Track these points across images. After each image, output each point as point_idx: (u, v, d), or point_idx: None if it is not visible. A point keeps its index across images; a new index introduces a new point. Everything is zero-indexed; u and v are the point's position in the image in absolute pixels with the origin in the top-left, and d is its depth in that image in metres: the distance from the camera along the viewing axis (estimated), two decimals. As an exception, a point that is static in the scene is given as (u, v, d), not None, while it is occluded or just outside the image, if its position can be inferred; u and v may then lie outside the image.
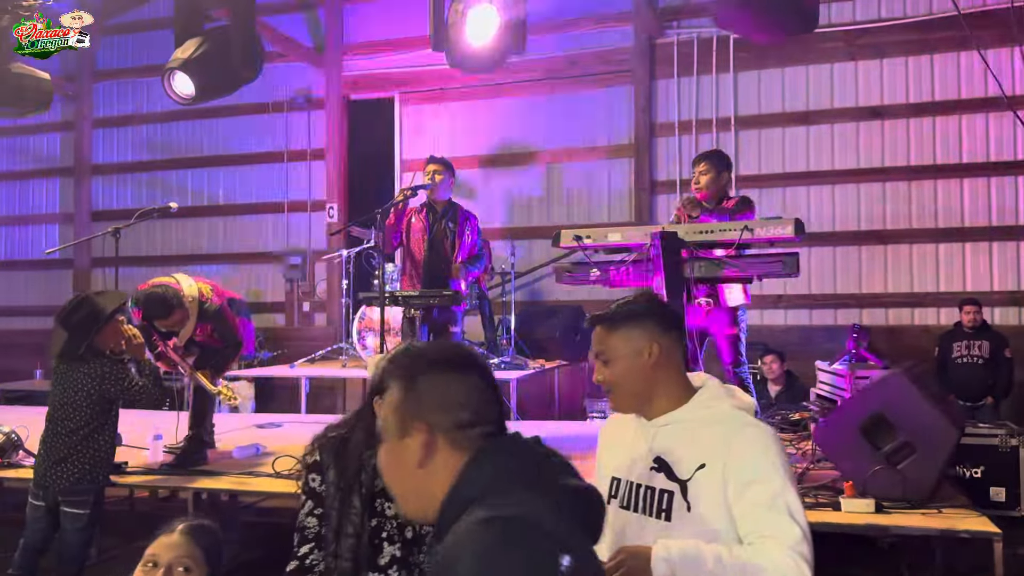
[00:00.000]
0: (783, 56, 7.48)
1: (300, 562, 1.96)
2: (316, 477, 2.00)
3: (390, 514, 1.95)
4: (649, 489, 1.82)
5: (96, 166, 9.75)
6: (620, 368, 1.85)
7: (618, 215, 8.03)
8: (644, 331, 1.84)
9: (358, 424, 2.02)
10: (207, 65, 3.89)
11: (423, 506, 1.28)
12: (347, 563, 1.88)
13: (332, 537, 1.92)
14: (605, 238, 3.34)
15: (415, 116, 8.77)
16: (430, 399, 1.28)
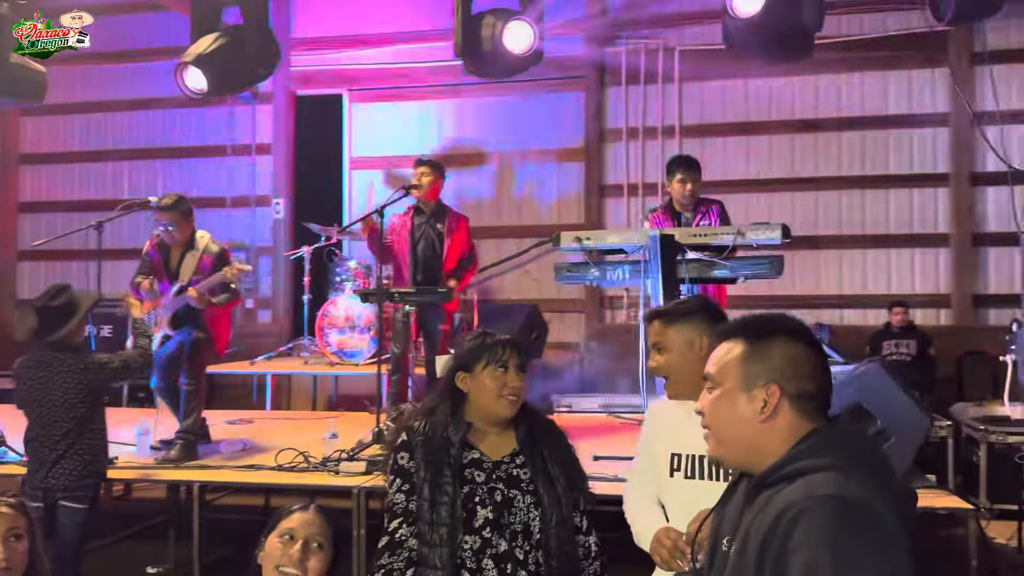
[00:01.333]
0: (724, 70, 7.86)
1: (391, 537, 2.15)
2: (404, 455, 2.19)
3: (480, 480, 2.14)
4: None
5: (24, 155, 9.34)
6: (674, 357, 2.12)
7: (568, 217, 8.27)
8: (695, 326, 2.11)
9: (440, 404, 2.23)
10: (221, 61, 3.88)
11: (748, 457, 1.38)
12: (444, 527, 2.06)
13: (427, 507, 2.09)
14: (604, 240, 3.54)
15: (365, 114, 8.78)
16: (782, 363, 1.38)
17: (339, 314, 6.39)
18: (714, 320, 2.14)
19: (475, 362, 2.20)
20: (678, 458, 2.11)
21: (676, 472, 2.10)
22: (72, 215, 9.18)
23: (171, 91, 8.80)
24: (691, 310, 2.15)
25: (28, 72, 4.57)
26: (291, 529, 1.93)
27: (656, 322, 2.16)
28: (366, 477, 3.52)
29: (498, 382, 2.18)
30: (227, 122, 8.84)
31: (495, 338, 2.25)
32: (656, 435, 2.23)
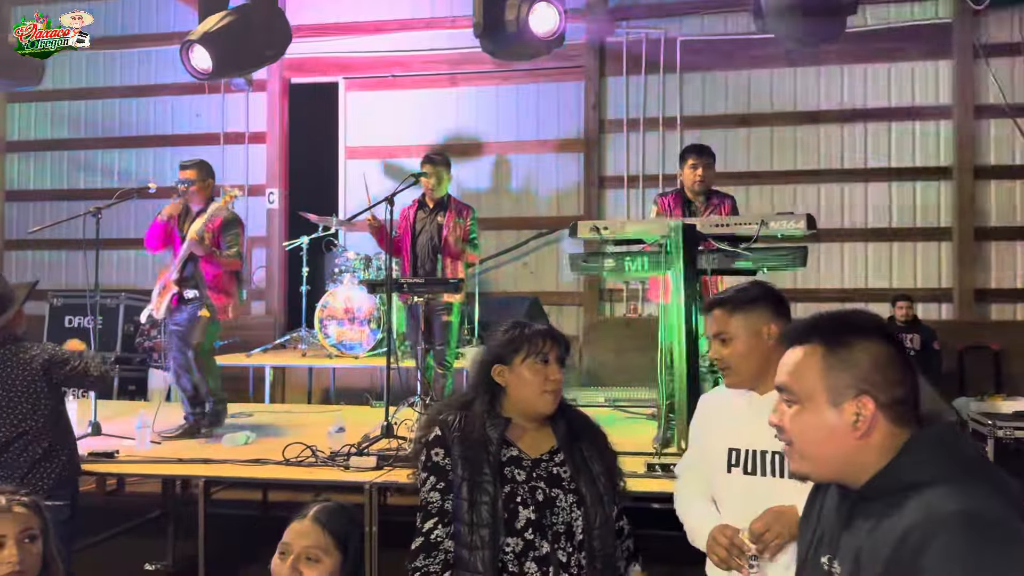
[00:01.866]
0: (726, 61, 7.81)
1: (425, 538, 2.02)
2: (440, 451, 2.06)
3: (520, 479, 2.03)
4: (777, 454, 1.96)
5: (11, 143, 9.14)
6: (740, 347, 2.04)
7: (567, 209, 8.18)
8: (761, 314, 2.03)
9: (476, 399, 2.12)
10: (228, 41, 3.76)
11: (841, 474, 1.27)
12: (485, 529, 1.94)
13: (466, 507, 1.97)
14: (623, 230, 3.45)
15: (360, 102, 8.64)
16: (869, 369, 1.25)
17: (338, 306, 6.27)
18: (779, 307, 2.08)
19: (514, 354, 2.09)
20: (736, 453, 2.02)
21: (734, 467, 2.02)
22: (61, 203, 9.01)
23: (163, 78, 8.78)
24: (755, 297, 2.06)
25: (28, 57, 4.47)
26: (286, 544, 1.85)
27: (718, 311, 2.07)
28: (377, 472, 3.42)
29: (539, 376, 2.07)
30: (220, 110, 8.68)
31: (534, 329, 2.13)
32: (711, 428, 2.14)
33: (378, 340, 6.27)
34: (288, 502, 5.71)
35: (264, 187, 8.57)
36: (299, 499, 5.64)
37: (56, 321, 8.10)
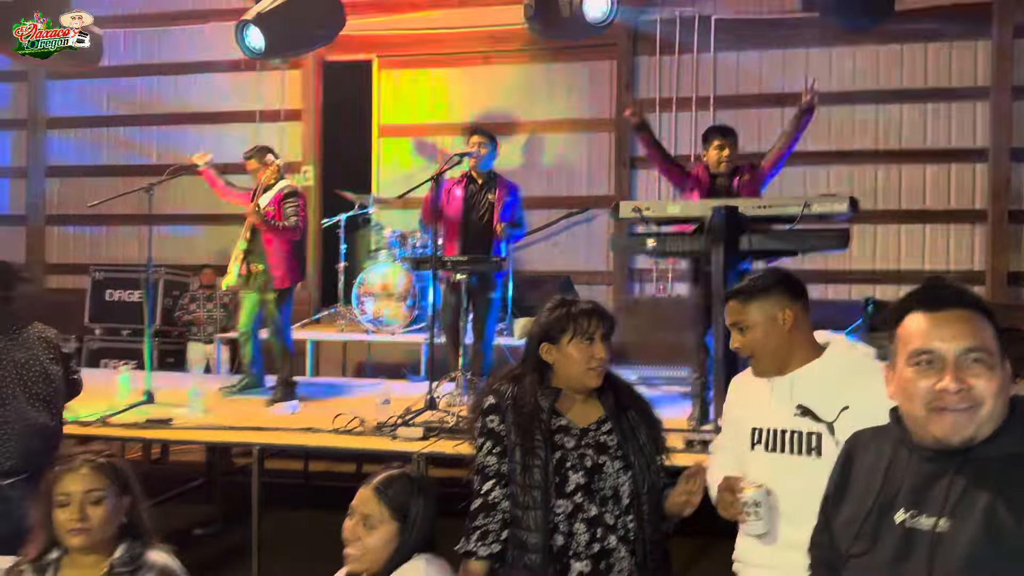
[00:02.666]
0: (761, 39, 7.78)
1: (483, 499, 2.18)
2: (495, 418, 2.21)
3: (570, 447, 2.15)
4: (795, 433, 2.06)
5: (52, 119, 9.32)
6: (758, 335, 2.11)
7: (597, 188, 8.23)
8: (776, 300, 2.11)
9: (527, 373, 2.25)
10: (281, 21, 3.85)
11: (989, 428, 1.39)
12: (537, 491, 2.09)
13: (519, 470, 2.12)
14: (664, 211, 3.52)
15: (394, 81, 8.71)
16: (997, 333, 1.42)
17: (376, 282, 6.40)
18: (793, 292, 2.14)
19: (560, 334, 2.20)
20: (759, 432, 2.12)
21: (757, 445, 2.12)
22: (100, 180, 9.20)
23: (200, 56, 8.89)
24: (769, 285, 2.13)
25: (88, 35, 4.59)
26: (352, 507, 2.00)
27: (733, 301, 2.16)
28: (424, 443, 3.54)
29: (585, 354, 2.18)
30: (256, 88, 8.79)
31: (579, 308, 2.23)
32: (739, 408, 2.24)
33: (415, 316, 6.39)
34: (328, 472, 5.88)
35: (299, 165, 8.68)
36: (338, 469, 5.82)
37: (98, 294, 8.32)
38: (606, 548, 2.09)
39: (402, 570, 1.92)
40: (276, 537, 4.03)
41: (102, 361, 8.07)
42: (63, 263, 9.30)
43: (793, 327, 2.10)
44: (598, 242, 8.21)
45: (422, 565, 1.93)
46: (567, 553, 2.10)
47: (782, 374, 2.11)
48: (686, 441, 3.41)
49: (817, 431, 2.02)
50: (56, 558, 1.99)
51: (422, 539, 1.98)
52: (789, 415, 2.07)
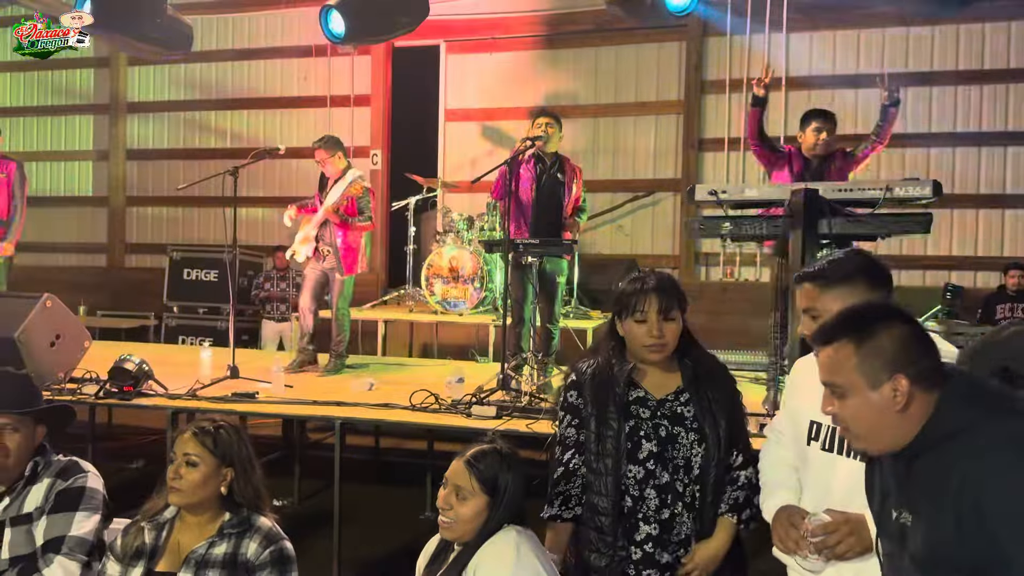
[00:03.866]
0: (836, 19, 7.61)
1: (565, 467, 2.29)
2: (573, 393, 2.33)
3: (645, 416, 2.23)
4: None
5: (132, 104, 9.67)
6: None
7: (663, 172, 8.19)
8: (855, 289, 1.90)
9: (603, 346, 2.35)
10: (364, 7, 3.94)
11: (897, 442, 1.46)
12: (609, 458, 2.21)
13: (594, 439, 2.23)
14: (741, 194, 3.51)
15: (460, 65, 8.78)
16: (896, 350, 1.43)
17: (444, 264, 6.50)
18: (876, 281, 1.94)
19: (624, 310, 2.27)
20: (817, 427, 2.00)
21: (813, 441, 2.00)
22: (177, 162, 9.54)
23: (273, 42, 9.10)
24: (850, 272, 1.91)
25: (179, 25, 4.73)
26: (447, 477, 2.07)
27: (808, 285, 1.95)
28: (498, 421, 3.62)
29: (641, 331, 2.23)
30: (327, 73, 8.96)
31: (635, 287, 2.27)
32: (799, 395, 2.09)
33: (481, 298, 6.48)
34: (397, 448, 6.03)
35: (368, 149, 8.85)
36: (407, 446, 5.97)
37: (175, 274, 8.64)
38: (674, 513, 2.18)
39: (493, 540, 1.99)
40: (351, 509, 4.16)
41: (180, 338, 8.39)
42: (142, 243, 9.68)
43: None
44: (664, 225, 8.19)
45: (513, 536, 1.99)
46: (636, 515, 2.19)
47: None
48: (759, 425, 3.40)
49: None
50: (171, 517, 2.13)
51: (512, 512, 2.05)
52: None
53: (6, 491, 2.25)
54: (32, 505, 2.24)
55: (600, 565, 2.21)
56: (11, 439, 2.22)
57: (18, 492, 2.25)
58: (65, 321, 4.34)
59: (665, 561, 2.19)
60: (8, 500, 2.24)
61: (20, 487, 2.25)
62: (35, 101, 9.98)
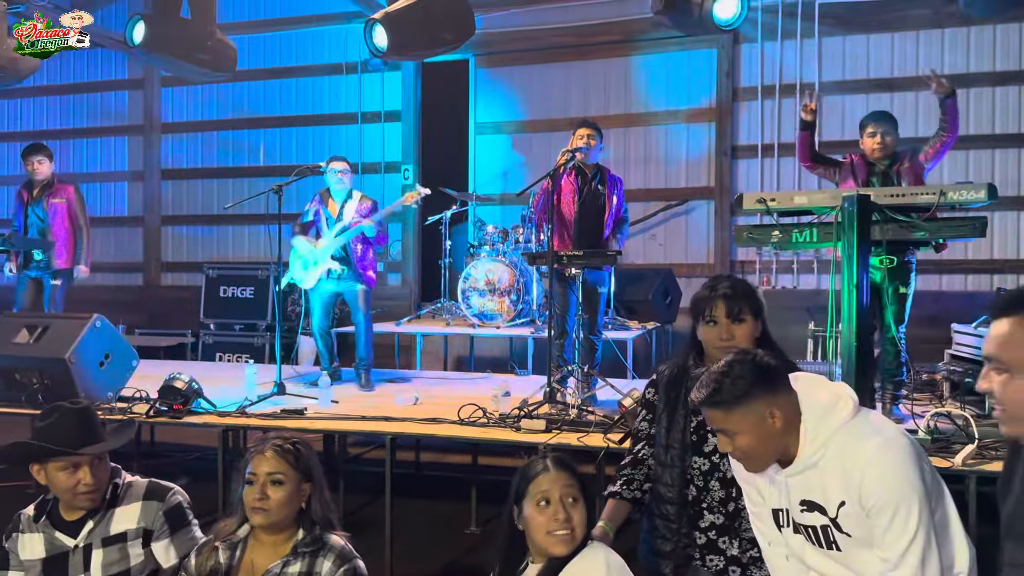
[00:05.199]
0: (868, 22, 7.55)
1: (634, 456, 2.49)
2: (651, 390, 2.53)
3: None
4: (811, 527, 1.96)
5: (166, 124, 9.80)
6: (748, 440, 1.92)
7: (696, 180, 8.15)
8: (760, 401, 1.90)
9: (685, 348, 2.47)
10: (409, 23, 3.97)
11: None
12: (675, 450, 2.35)
13: (664, 432, 2.39)
14: (791, 202, 3.47)
15: (490, 78, 8.81)
16: None
17: (480, 277, 6.51)
18: (774, 384, 1.93)
19: (698, 315, 2.38)
20: (779, 513, 2.06)
21: (784, 528, 2.05)
22: (211, 181, 9.65)
23: (304, 60, 9.20)
24: (746, 390, 1.91)
25: (225, 47, 4.82)
26: (544, 493, 2.02)
27: (711, 411, 1.96)
28: (548, 435, 3.59)
29: (711, 335, 2.33)
30: (358, 90, 9.03)
31: (704, 293, 2.37)
32: (755, 480, 2.11)
33: (518, 310, 6.47)
34: (437, 462, 6.02)
35: (399, 164, 8.90)
36: (447, 460, 5.95)
37: (211, 291, 8.72)
38: (739, 506, 2.25)
39: (583, 556, 1.99)
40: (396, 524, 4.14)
41: (217, 355, 8.46)
42: (178, 261, 9.79)
43: (784, 423, 1.91)
44: (698, 234, 8.14)
45: (601, 553, 2.00)
46: (700, 504, 2.30)
47: (779, 465, 1.99)
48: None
49: (826, 524, 1.92)
50: (245, 536, 2.13)
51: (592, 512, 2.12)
52: (798, 510, 1.97)
53: (87, 516, 2.36)
54: (123, 526, 2.36)
55: (666, 550, 2.34)
56: (98, 470, 2.33)
57: (101, 515, 2.35)
58: (114, 341, 4.39)
59: (732, 554, 2.26)
60: (92, 524, 2.34)
61: (103, 510, 2.36)
62: (72, 123, 10.15)
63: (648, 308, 6.94)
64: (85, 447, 2.29)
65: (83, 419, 2.37)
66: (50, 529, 2.35)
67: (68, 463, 2.29)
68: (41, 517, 2.38)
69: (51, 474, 2.31)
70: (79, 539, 2.33)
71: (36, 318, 4.63)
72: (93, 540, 2.32)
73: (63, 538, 2.33)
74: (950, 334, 5.09)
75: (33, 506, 2.44)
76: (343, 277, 5.16)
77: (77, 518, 2.35)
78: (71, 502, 2.33)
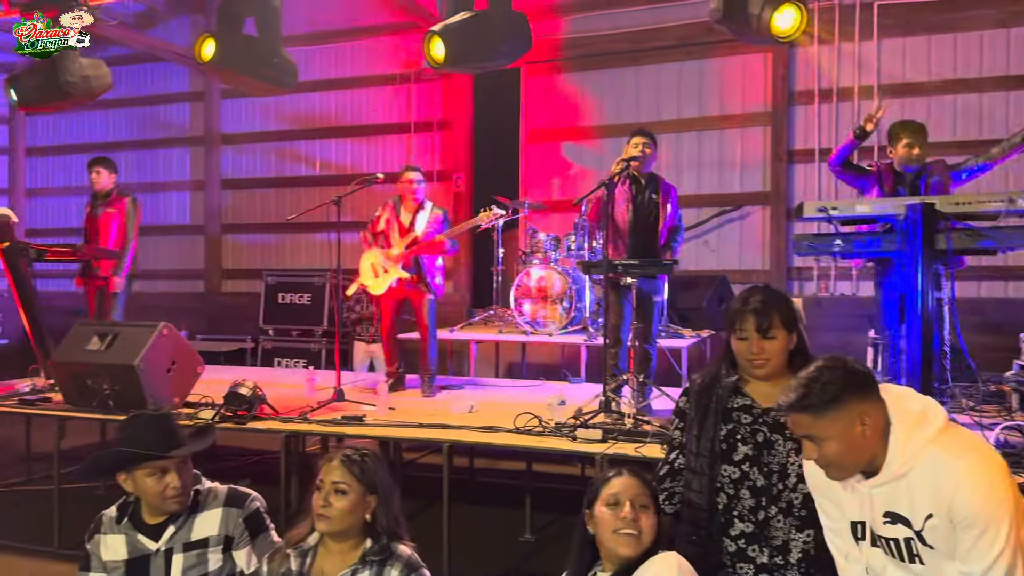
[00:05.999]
0: (930, 23, 7.37)
1: (670, 465, 2.52)
2: (684, 399, 2.54)
3: (745, 422, 2.36)
4: (893, 540, 1.93)
5: (225, 135, 10.06)
6: (835, 447, 1.89)
7: (750, 185, 8.05)
8: (850, 408, 1.87)
9: (719, 358, 2.50)
10: (466, 35, 4.03)
11: None
12: (704, 458, 2.36)
13: (694, 440, 2.41)
14: (853, 210, 3.42)
15: (540, 86, 8.84)
16: None
17: (532, 285, 6.53)
18: (865, 389, 1.91)
19: (730, 328, 2.41)
20: (859, 527, 2.04)
21: (861, 541, 2.04)
22: (269, 190, 9.87)
23: (357, 72, 9.35)
24: (837, 394, 1.88)
25: (287, 63, 4.99)
26: (615, 495, 2.08)
27: (798, 416, 1.94)
28: (604, 445, 3.59)
29: (742, 348, 2.36)
30: (409, 99, 9.15)
31: (736, 306, 2.39)
32: (834, 489, 2.08)
33: (570, 318, 6.47)
34: (490, 468, 6.05)
35: (450, 172, 8.98)
36: (500, 466, 5.98)
37: (270, 298, 8.91)
38: (768, 516, 2.29)
39: (652, 562, 2.03)
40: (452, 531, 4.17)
41: (275, 360, 8.64)
42: (237, 268, 10.03)
43: (872, 429, 1.88)
44: (752, 240, 8.04)
45: (674, 559, 2.03)
46: (730, 512, 2.32)
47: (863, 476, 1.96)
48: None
49: (909, 536, 1.89)
50: (315, 544, 2.19)
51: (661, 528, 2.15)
52: (880, 522, 1.94)
53: (169, 520, 2.41)
54: (205, 532, 2.42)
55: (696, 556, 2.31)
56: (184, 473, 2.39)
57: (183, 521, 2.41)
58: (180, 348, 4.52)
59: (762, 562, 2.28)
60: (173, 528, 2.40)
61: (185, 516, 2.41)
62: (136, 135, 10.49)
63: (702, 315, 6.88)
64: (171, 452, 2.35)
65: (165, 426, 2.43)
66: (132, 531, 2.40)
67: (156, 468, 2.33)
68: (123, 519, 2.42)
69: (139, 481, 2.36)
70: (160, 543, 2.37)
71: (107, 326, 4.80)
72: (174, 544, 2.38)
73: (145, 541, 2.38)
74: (1018, 344, 4.93)
75: (115, 507, 2.49)
76: (412, 285, 5.23)
77: (159, 522, 2.40)
78: (160, 506, 2.38)
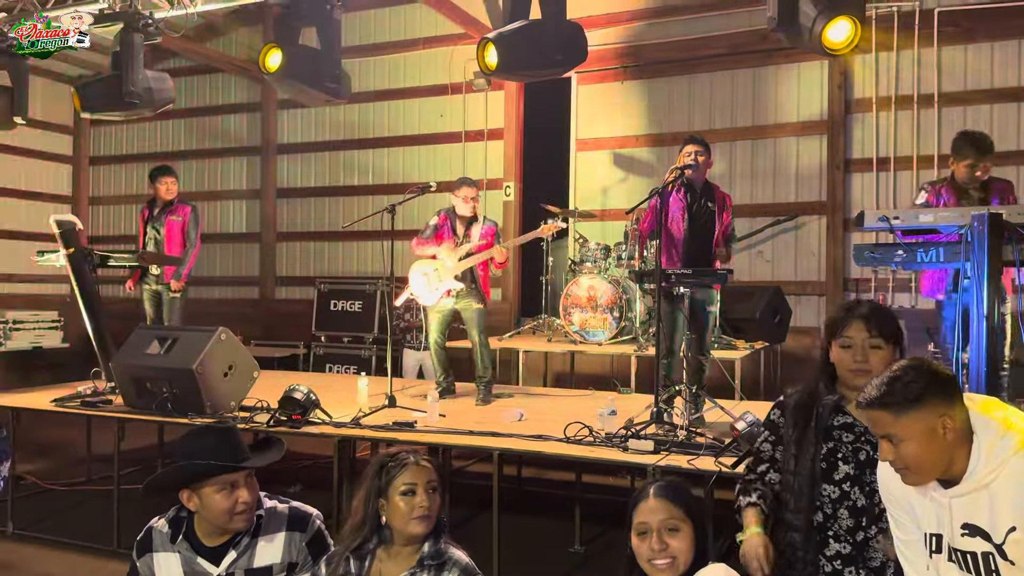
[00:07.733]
0: (993, 30, 7.17)
1: (760, 477, 2.41)
2: (776, 412, 2.46)
3: (847, 440, 2.27)
4: (970, 554, 1.85)
5: (282, 145, 10.26)
6: (914, 449, 1.83)
7: (807, 195, 7.91)
8: (933, 409, 1.82)
9: (819, 369, 2.39)
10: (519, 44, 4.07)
11: None
12: (803, 477, 2.26)
13: (792, 459, 2.31)
14: (916, 219, 3.33)
15: (591, 95, 8.83)
16: None
17: (581, 294, 6.51)
18: (948, 392, 1.85)
19: (832, 335, 2.32)
20: (934, 539, 1.95)
21: (936, 554, 1.94)
22: (323, 199, 10.04)
23: (410, 82, 9.47)
24: (920, 393, 1.83)
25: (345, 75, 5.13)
26: (643, 523, 2.05)
27: (879, 412, 1.87)
28: (656, 456, 3.55)
29: (845, 357, 2.26)
30: (461, 109, 9.23)
31: (842, 313, 2.31)
32: (907, 497, 1.99)
33: (620, 328, 6.43)
34: (537, 477, 6.04)
35: (501, 181, 9.02)
36: (548, 475, 5.96)
37: (323, 305, 9.05)
38: (867, 537, 2.20)
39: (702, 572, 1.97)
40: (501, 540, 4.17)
41: (327, 366, 8.76)
42: (291, 276, 10.21)
43: (955, 434, 1.83)
44: (807, 250, 7.89)
45: (722, 571, 1.97)
46: (826, 531, 2.24)
47: (939, 482, 1.89)
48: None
49: (988, 551, 1.81)
50: (373, 548, 2.20)
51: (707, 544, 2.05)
52: (958, 533, 1.86)
53: (229, 545, 2.29)
54: (268, 559, 2.31)
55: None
56: (252, 487, 2.29)
57: (245, 546, 2.29)
58: (237, 352, 4.61)
59: None
60: (235, 554, 2.28)
61: (247, 541, 2.30)
62: (194, 145, 10.77)
63: (756, 327, 6.69)
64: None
65: (230, 438, 2.33)
66: (189, 552, 2.28)
67: (225, 483, 2.21)
68: (177, 537, 2.30)
69: (206, 498, 2.22)
70: (221, 568, 2.26)
71: (166, 330, 4.93)
72: (235, 571, 2.27)
73: (205, 564, 2.27)
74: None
75: (166, 522, 2.36)
76: (464, 296, 5.27)
77: (218, 544, 2.28)
78: (226, 524, 2.25)
